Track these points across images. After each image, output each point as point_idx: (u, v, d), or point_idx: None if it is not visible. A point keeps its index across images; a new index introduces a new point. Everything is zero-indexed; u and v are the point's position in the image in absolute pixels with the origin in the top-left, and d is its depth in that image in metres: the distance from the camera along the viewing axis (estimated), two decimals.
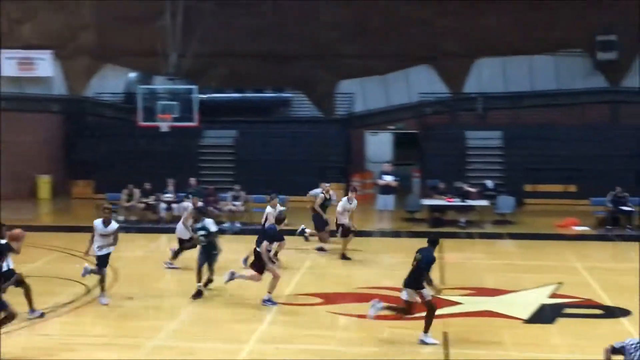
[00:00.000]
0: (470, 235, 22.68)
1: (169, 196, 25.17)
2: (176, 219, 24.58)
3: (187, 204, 18.86)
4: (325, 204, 19.86)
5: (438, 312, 13.06)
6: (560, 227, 24.25)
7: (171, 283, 16.85)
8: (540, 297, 15.07)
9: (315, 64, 34.06)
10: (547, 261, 19.20)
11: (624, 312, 14.33)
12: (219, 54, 33.24)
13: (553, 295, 15.60)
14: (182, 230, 17.66)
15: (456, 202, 24.35)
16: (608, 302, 15.18)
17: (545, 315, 14.09)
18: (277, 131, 33.09)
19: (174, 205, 24.74)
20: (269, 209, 17.76)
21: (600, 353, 9.12)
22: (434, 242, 12.62)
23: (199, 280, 14.93)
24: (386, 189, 23.76)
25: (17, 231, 12.55)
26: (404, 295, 12.47)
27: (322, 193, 19.92)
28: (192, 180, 25.43)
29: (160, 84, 31.62)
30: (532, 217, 26.54)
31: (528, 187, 29.54)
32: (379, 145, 34.01)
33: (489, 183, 28.27)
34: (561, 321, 13.75)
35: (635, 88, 32.38)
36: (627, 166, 28.46)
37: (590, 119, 31.86)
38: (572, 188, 28.84)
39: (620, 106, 32.69)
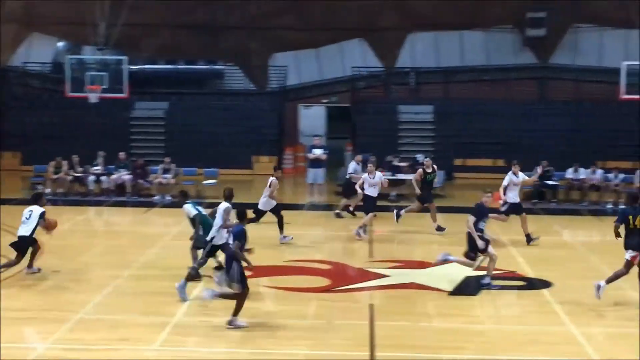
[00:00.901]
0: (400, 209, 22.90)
1: (97, 169, 24.83)
2: (105, 192, 24.39)
3: None
4: None
5: (365, 284, 13.29)
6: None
7: (98, 256, 16.66)
8: (465, 269, 15.35)
9: (248, 36, 33.84)
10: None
11: (546, 284, 14.72)
12: (150, 25, 32.75)
13: (478, 268, 15.90)
14: None
15: (387, 175, 24.52)
16: (531, 274, 15.56)
17: (469, 287, 14.36)
18: (209, 103, 32.87)
19: (102, 178, 24.43)
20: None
21: (520, 323, 9.34)
22: (241, 215, 12.12)
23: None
24: (316, 163, 23.86)
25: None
26: None
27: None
28: (122, 154, 25.16)
29: (89, 54, 31.01)
30: (462, 190, 26.91)
31: (458, 161, 29.97)
32: (312, 118, 34.09)
33: (420, 157, 28.57)
34: (485, 293, 14.04)
35: (563, 65, 33.05)
36: (553, 141, 29.06)
37: (519, 94, 32.44)
38: (501, 162, 29.24)
39: (549, 82, 33.34)
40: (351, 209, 21.04)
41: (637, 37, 29.43)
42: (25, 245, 14.19)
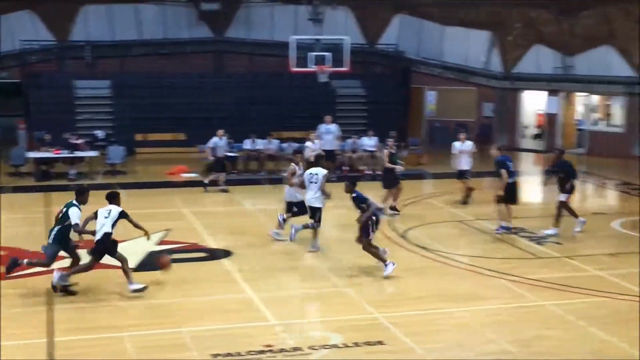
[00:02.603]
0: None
1: None
2: None
3: None
4: None
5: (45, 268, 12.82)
6: (170, 174, 24.83)
7: None
8: (148, 244, 15.30)
9: None
10: (157, 209, 19.47)
11: (227, 253, 15.20)
12: None
13: (161, 242, 15.97)
14: None
15: (64, 153, 23.70)
16: (212, 244, 15.94)
17: (153, 262, 14.35)
18: None
19: None
20: None
21: (203, 294, 9.54)
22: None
23: None
24: None
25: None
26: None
27: None
28: None
29: None
30: (144, 166, 26.73)
31: (139, 137, 29.62)
32: None
33: (99, 133, 27.99)
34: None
35: (238, 38, 33.93)
36: (231, 113, 29.81)
37: (197, 67, 32.80)
38: (182, 136, 29.53)
39: (224, 56, 34.07)
40: None
41: (307, 12, 30.99)
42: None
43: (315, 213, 15.39)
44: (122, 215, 12.64)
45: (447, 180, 21.85)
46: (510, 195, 16.98)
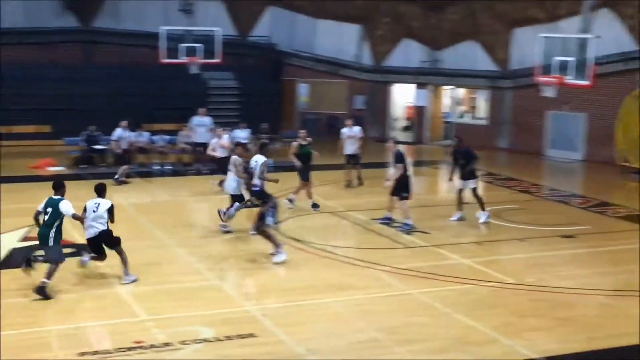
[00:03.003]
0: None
1: None
2: None
3: None
4: None
5: None
6: (34, 168, 23.99)
7: None
8: (11, 241, 14.76)
9: None
10: (21, 204, 18.69)
11: None
12: None
13: (25, 239, 15.43)
14: None
15: None
16: (81, 240, 15.49)
17: (15, 259, 13.85)
18: None
19: None
20: None
21: (68, 292, 9.23)
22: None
23: None
24: None
25: None
26: None
27: None
28: None
29: None
30: (7, 159, 25.65)
31: (2, 129, 28.42)
32: None
33: None
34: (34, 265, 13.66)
35: (107, 29, 33.11)
36: (100, 106, 29.07)
37: (63, 58, 31.79)
38: (47, 129, 28.55)
39: (93, 46, 33.17)
40: None
41: (177, 3, 30.58)
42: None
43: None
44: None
45: (320, 172, 22.05)
46: (404, 187, 17.31)
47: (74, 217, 12.63)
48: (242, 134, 25.82)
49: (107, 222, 12.91)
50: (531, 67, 24.38)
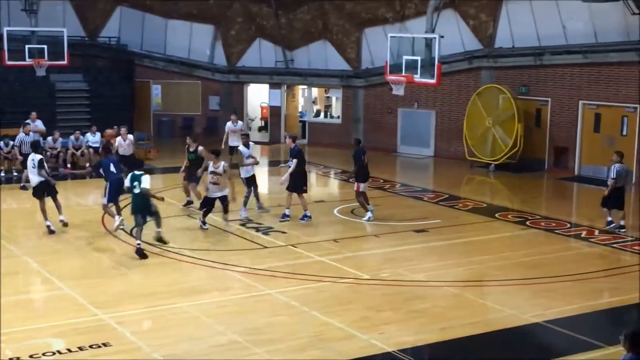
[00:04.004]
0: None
1: None
2: None
3: None
4: None
5: None
6: None
7: None
8: None
9: None
10: None
11: None
12: None
13: None
14: None
15: None
16: None
17: None
18: None
19: None
20: None
21: None
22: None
23: None
24: None
25: None
26: None
27: None
28: None
29: None
30: None
31: None
32: None
33: None
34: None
35: None
36: None
37: None
38: None
39: None
40: None
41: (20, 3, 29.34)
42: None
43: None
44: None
45: (176, 175, 21.69)
46: (302, 182, 17.94)
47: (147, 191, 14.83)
48: (94, 139, 25.15)
49: None
50: (381, 66, 24.94)
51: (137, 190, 14.85)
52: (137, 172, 15.07)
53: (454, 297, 12.98)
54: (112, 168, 16.61)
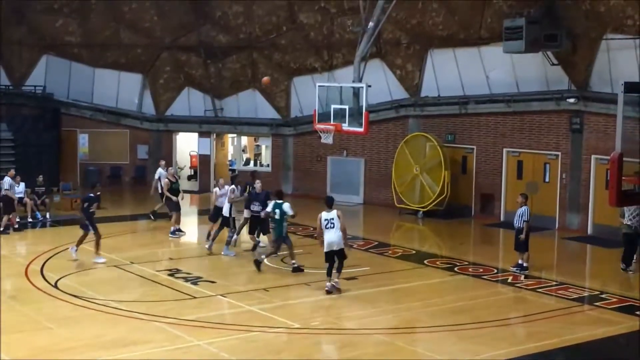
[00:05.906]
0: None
1: None
2: None
3: None
4: None
5: None
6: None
7: None
8: None
9: None
10: None
11: None
12: None
13: None
14: None
15: None
16: None
17: None
18: None
19: None
20: None
21: None
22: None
23: None
24: None
25: None
26: None
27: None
28: None
29: None
30: None
31: None
32: None
33: None
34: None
35: None
36: None
37: None
38: None
39: None
40: None
41: None
42: None
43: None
44: None
45: (105, 224, 21.28)
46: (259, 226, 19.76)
47: (293, 216, 17.76)
48: (18, 189, 24.62)
49: None
50: (310, 115, 25.13)
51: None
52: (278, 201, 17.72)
53: (384, 344, 12.99)
54: None
